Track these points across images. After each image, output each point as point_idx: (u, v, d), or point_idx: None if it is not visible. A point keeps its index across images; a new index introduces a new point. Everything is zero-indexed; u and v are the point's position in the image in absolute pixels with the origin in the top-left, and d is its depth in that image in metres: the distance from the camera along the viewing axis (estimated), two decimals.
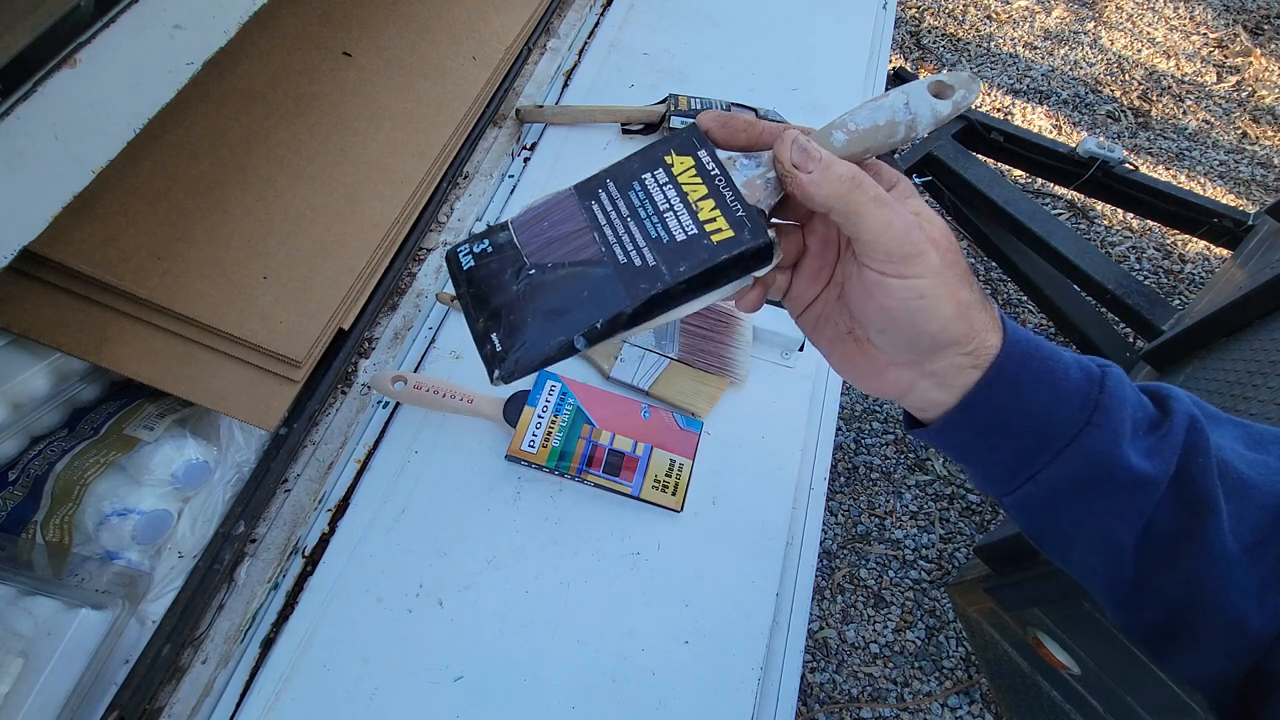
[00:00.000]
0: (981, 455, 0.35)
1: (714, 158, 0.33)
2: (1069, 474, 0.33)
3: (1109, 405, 0.32)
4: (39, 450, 0.60)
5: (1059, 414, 0.33)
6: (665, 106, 0.87)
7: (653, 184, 0.32)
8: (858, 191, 0.30)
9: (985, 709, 1.38)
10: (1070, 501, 0.34)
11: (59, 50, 0.41)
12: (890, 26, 1.11)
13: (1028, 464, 0.34)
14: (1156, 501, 0.32)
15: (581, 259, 0.31)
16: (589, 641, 0.58)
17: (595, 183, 0.33)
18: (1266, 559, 0.32)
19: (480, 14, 0.88)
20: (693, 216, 0.32)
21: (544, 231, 0.33)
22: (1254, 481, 0.33)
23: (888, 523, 1.58)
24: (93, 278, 0.57)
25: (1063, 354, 0.34)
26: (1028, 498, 0.35)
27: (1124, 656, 0.89)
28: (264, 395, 0.62)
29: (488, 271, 0.32)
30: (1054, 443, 0.33)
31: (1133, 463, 0.32)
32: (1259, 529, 0.32)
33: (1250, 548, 0.32)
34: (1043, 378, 0.33)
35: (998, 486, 0.36)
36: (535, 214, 0.33)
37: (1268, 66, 2.45)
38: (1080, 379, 0.33)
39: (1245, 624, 0.32)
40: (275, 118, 0.71)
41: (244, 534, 0.61)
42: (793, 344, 0.73)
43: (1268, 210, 1.41)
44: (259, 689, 0.55)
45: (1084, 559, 0.36)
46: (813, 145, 0.31)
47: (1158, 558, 0.33)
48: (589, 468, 0.62)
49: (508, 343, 0.31)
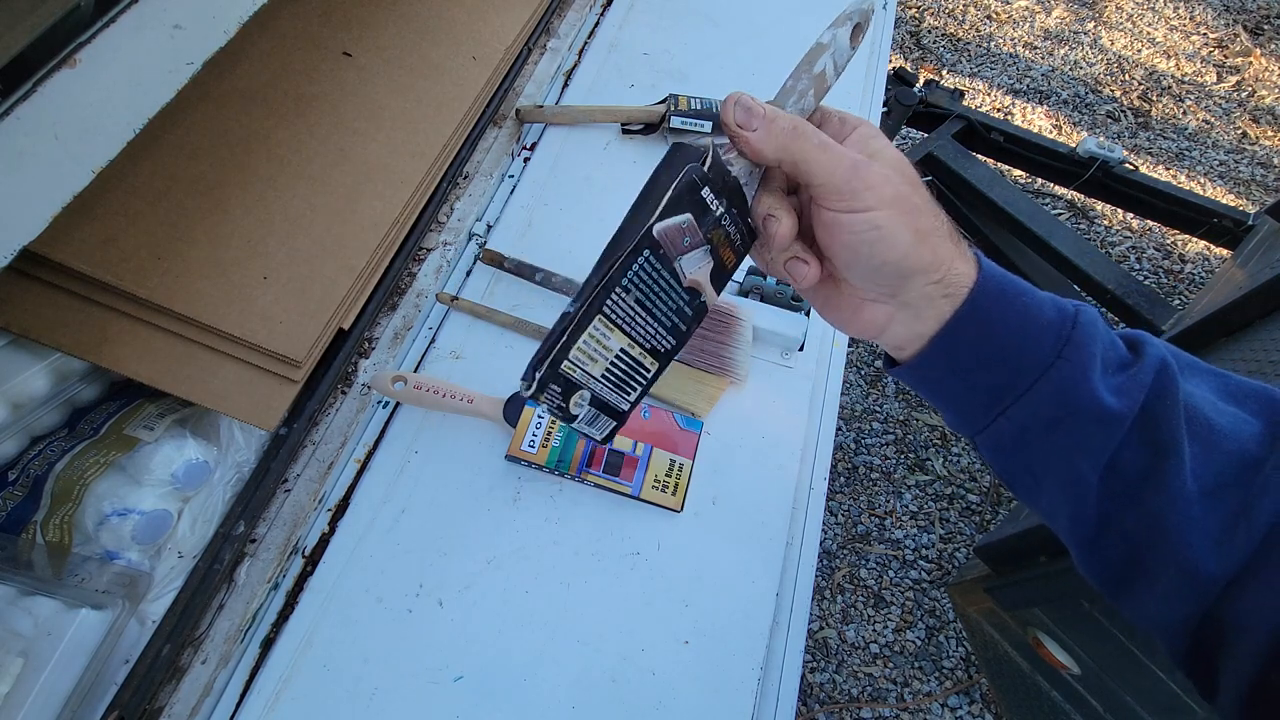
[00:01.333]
0: (955, 391, 0.36)
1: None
2: (1039, 409, 0.34)
3: (1080, 340, 0.33)
4: (39, 450, 0.60)
5: (1031, 348, 0.33)
6: (665, 106, 0.87)
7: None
8: (800, 140, 0.32)
9: (985, 709, 1.38)
10: (1039, 438, 0.34)
11: (59, 50, 0.42)
12: (890, 26, 1.11)
13: (999, 399, 0.34)
14: (1120, 439, 0.33)
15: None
16: (589, 641, 0.58)
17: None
18: (1226, 504, 0.32)
19: (480, 14, 0.88)
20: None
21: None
22: (1221, 428, 0.33)
23: (888, 523, 1.58)
24: (93, 278, 0.57)
25: (1037, 292, 0.35)
26: (999, 435, 0.35)
27: (1124, 656, 0.89)
28: (264, 395, 0.62)
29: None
30: (1025, 377, 0.33)
31: (1100, 397, 0.33)
32: (1220, 474, 0.32)
33: (1211, 491, 0.32)
34: (1016, 312, 0.34)
35: (971, 424, 0.37)
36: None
37: (1268, 66, 2.46)
38: (1053, 315, 0.34)
39: (1200, 566, 0.32)
40: (275, 118, 0.71)
41: (244, 534, 0.61)
42: (793, 344, 0.73)
43: (1268, 210, 1.42)
44: (259, 689, 0.55)
45: (1051, 499, 0.36)
46: (755, 102, 0.32)
47: (1120, 496, 0.34)
48: (589, 468, 0.62)
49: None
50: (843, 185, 0.32)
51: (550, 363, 0.33)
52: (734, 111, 0.32)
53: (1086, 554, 0.36)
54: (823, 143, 0.32)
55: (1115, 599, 0.37)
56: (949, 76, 2.40)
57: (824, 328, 0.78)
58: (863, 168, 0.32)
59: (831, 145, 0.32)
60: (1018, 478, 0.37)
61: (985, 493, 1.63)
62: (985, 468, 1.66)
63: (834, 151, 0.32)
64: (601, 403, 0.37)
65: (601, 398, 0.37)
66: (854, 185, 0.32)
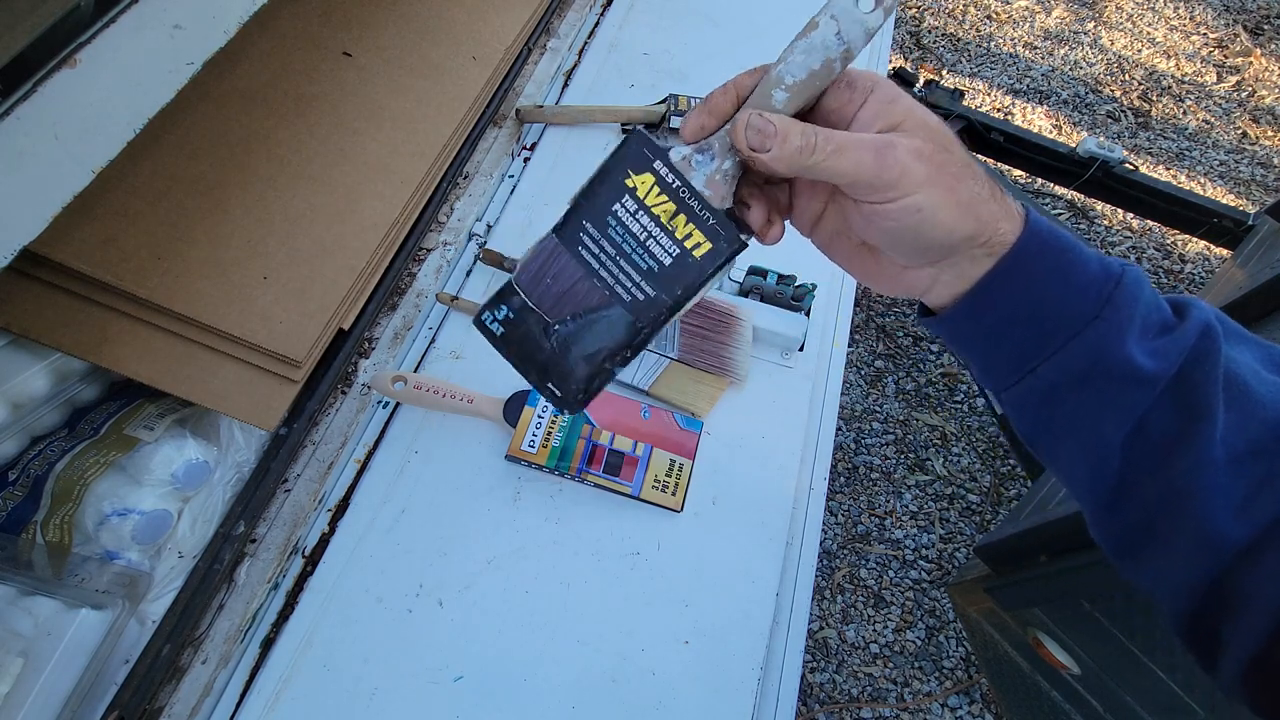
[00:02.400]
0: (987, 346, 0.35)
1: (670, 167, 0.33)
2: (1070, 367, 0.33)
3: (1121, 301, 0.32)
4: (39, 450, 0.60)
5: (1070, 306, 0.32)
6: (665, 106, 0.87)
7: (626, 215, 0.34)
8: (815, 155, 0.30)
9: (985, 709, 1.38)
10: (1066, 397, 0.33)
11: (59, 50, 0.41)
12: (890, 26, 1.11)
13: (1031, 355, 0.33)
14: (1151, 401, 0.32)
15: (593, 305, 0.35)
16: (589, 641, 0.58)
17: (574, 226, 0.35)
18: (1254, 472, 0.31)
19: (480, 14, 0.88)
20: (671, 238, 0.34)
21: (550, 289, 0.35)
22: (1261, 397, 0.32)
23: (888, 523, 1.58)
24: (93, 278, 0.57)
25: (1085, 249, 0.33)
26: (1026, 392, 0.34)
27: (1124, 656, 0.89)
28: (264, 395, 0.62)
29: (520, 335, 0.36)
30: (1060, 334, 0.32)
31: (1133, 358, 0.32)
32: (1254, 441, 0.31)
33: (1240, 458, 0.31)
34: (1059, 269, 0.32)
35: (998, 380, 0.36)
36: (534, 272, 0.35)
37: (1268, 66, 2.45)
38: (1098, 273, 0.32)
39: (1219, 533, 0.31)
40: (275, 118, 0.71)
41: (244, 534, 0.61)
42: (793, 344, 0.73)
43: (1268, 210, 1.42)
44: (259, 689, 0.55)
45: (1071, 459, 0.35)
46: (765, 121, 0.31)
47: (1144, 460, 0.33)
48: (589, 468, 0.62)
49: (564, 387, 0.36)
50: (873, 179, 0.30)
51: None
52: (746, 136, 0.31)
53: (1102, 516, 0.36)
54: (838, 146, 0.30)
55: (1123, 563, 0.36)
56: (949, 76, 2.40)
57: (824, 327, 0.78)
58: (888, 153, 0.30)
59: (848, 144, 0.30)
60: (1039, 436, 0.36)
61: (985, 493, 1.63)
62: (985, 467, 1.66)
63: (852, 150, 0.30)
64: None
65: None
66: (885, 176, 0.30)
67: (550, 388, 0.36)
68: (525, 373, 0.36)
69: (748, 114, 0.32)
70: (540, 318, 0.35)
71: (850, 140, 0.31)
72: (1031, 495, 1.11)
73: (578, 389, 0.36)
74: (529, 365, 0.36)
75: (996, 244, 0.32)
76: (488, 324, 0.36)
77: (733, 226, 0.33)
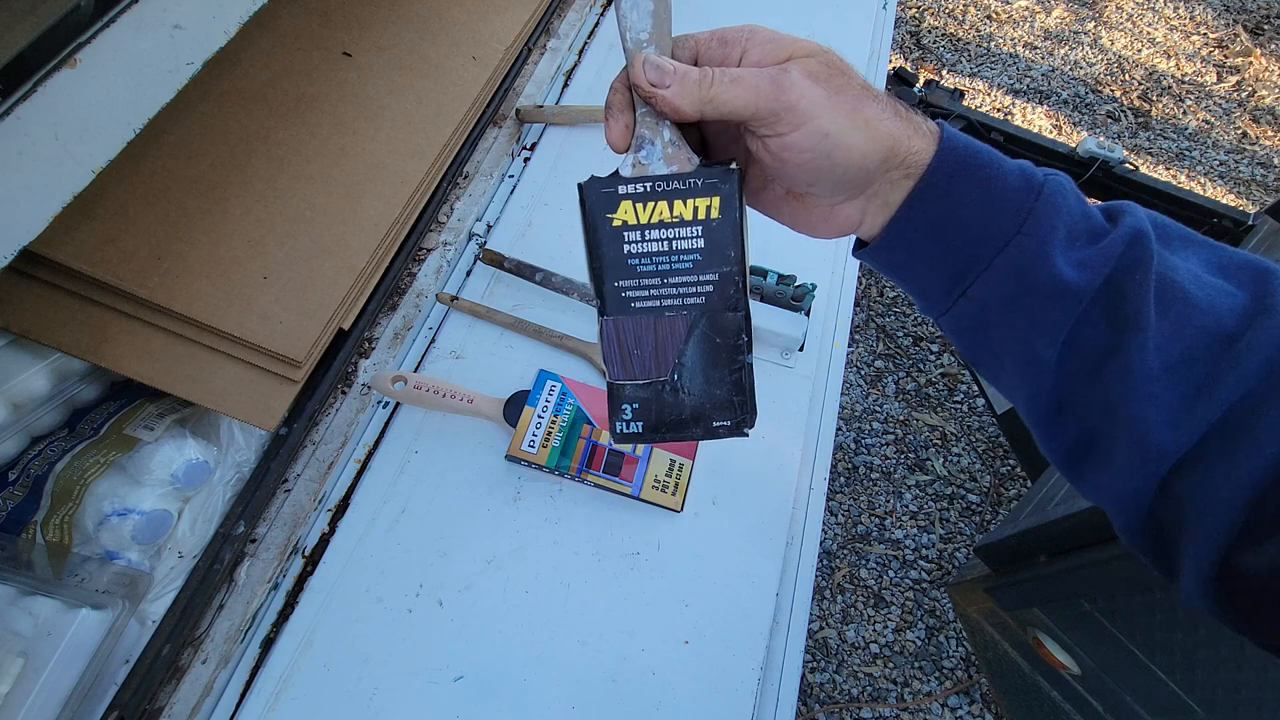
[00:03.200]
0: (918, 272, 0.35)
1: (630, 181, 0.34)
2: (998, 286, 0.32)
3: (1043, 212, 0.31)
4: (39, 450, 0.60)
5: (991, 223, 0.32)
6: None
7: (638, 245, 0.34)
8: (715, 86, 0.30)
9: (985, 709, 1.38)
10: (998, 317, 0.33)
11: (59, 50, 0.41)
12: (890, 26, 1.11)
13: (960, 279, 0.33)
14: (1079, 314, 0.32)
15: (685, 333, 0.35)
16: (589, 641, 0.58)
17: (611, 294, 0.35)
18: (1190, 379, 0.31)
19: (480, 14, 0.88)
20: (685, 225, 0.34)
21: (641, 356, 0.36)
22: (1197, 301, 0.31)
23: (888, 523, 1.58)
24: (93, 278, 0.57)
25: (1005, 162, 0.33)
26: (961, 316, 0.34)
27: (1124, 656, 0.89)
28: (264, 395, 0.62)
29: (656, 412, 0.36)
30: (984, 254, 0.32)
31: (1058, 271, 0.31)
32: (1189, 348, 0.31)
33: (1174, 366, 0.31)
34: (978, 186, 0.32)
35: (935, 306, 0.35)
36: (617, 357, 0.36)
37: (1268, 66, 2.46)
38: (1018, 186, 0.32)
39: (1156, 443, 0.31)
40: (275, 118, 0.71)
41: (244, 534, 0.61)
42: (793, 344, 0.73)
43: (1268, 210, 1.42)
44: (259, 689, 0.55)
45: (1010, 378, 0.35)
46: (662, 60, 0.31)
47: (1078, 373, 0.33)
48: (589, 468, 0.62)
49: (727, 414, 0.36)
50: (774, 106, 0.30)
51: None
52: (645, 71, 0.31)
53: (1045, 433, 0.35)
54: (734, 77, 0.30)
55: (1072, 477, 0.36)
56: (949, 76, 2.40)
57: (824, 327, 0.78)
58: (783, 78, 0.30)
59: (743, 75, 0.30)
60: (981, 359, 0.36)
61: (985, 493, 1.63)
62: (985, 467, 1.66)
63: (748, 80, 0.30)
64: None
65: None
66: (784, 101, 0.30)
67: (718, 426, 0.36)
68: (689, 435, 0.36)
69: (642, 55, 0.32)
70: (656, 385, 0.36)
71: (746, 71, 0.31)
72: (1031, 495, 1.11)
73: (738, 403, 0.36)
74: (686, 427, 0.36)
75: (913, 164, 0.32)
76: (626, 431, 0.36)
77: (716, 166, 0.33)
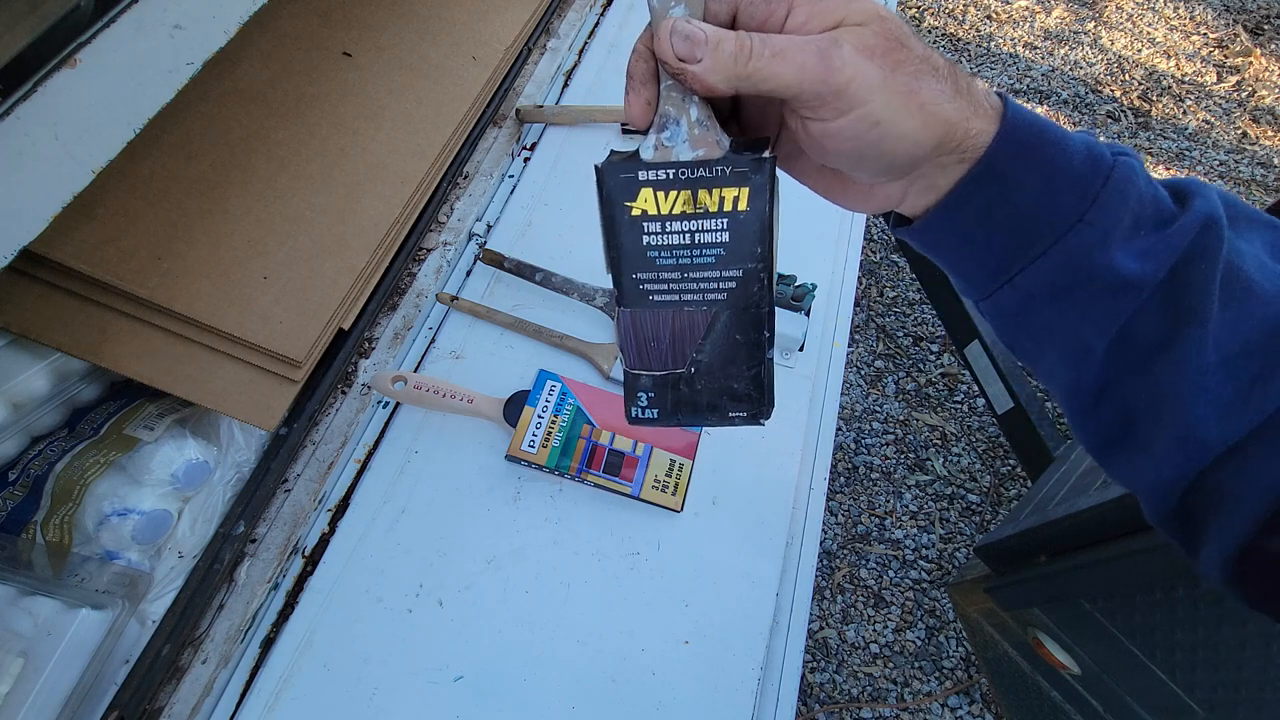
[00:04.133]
0: (963, 254, 0.33)
1: (652, 166, 0.30)
2: (1048, 277, 0.30)
3: (1108, 200, 0.29)
4: (39, 450, 0.60)
5: (1051, 208, 0.29)
6: None
7: (659, 237, 0.31)
8: (753, 60, 0.27)
9: (985, 709, 1.38)
10: (1045, 308, 0.31)
11: (59, 50, 0.41)
12: None
13: (1008, 265, 0.31)
14: (1137, 306, 0.30)
15: (704, 327, 0.33)
16: (589, 641, 0.58)
17: (628, 284, 0.33)
18: (1244, 373, 0.29)
19: (480, 14, 0.88)
20: (710, 217, 0.31)
21: (659, 348, 0.34)
22: (1261, 291, 0.29)
23: (888, 523, 1.58)
24: (93, 278, 0.57)
25: (1072, 141, 0.30)
26: (1002, 302, 0.32)
27: (1124, 656, 0.89)
28: (264, 395, 0.62)
29: (673, 401, 0.35)
30: (1040, 241, 0.30)
31: (1117, 264, 0.29)
32: (1248, 340, 0.29)
33: (1230, 360, 0.29)
34: (1039, 168, 0.29)
35: (976, 289, 0.33)
36: (635, 348, 0.34)
37: (1268, 66, 2.46)
38: (1084, 169, 0.29)
39: (1202, 435, 0.30)
40: (275, 118, 0.71)
41: (244, 534, 0.61)
42: (793, 344, 0.73)
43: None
44: (259, 689, 0.55)
45: (1050, 365, 0.34)
46: (692, 27, 0.27)
47: (1128, 364, 0.31)
48: (589, 468, 0.62)
49: (744, 406, 0.34)
50: (820, 89, 0.26)
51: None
52: (673, 42, 0.28)
53: (1083, 418, 0.34)
54: (777, 50, 0.26)
55: (1103, 460, 0.34)
56: None
57: (824, 327, 0.78)
58: (833, 52, 0.26)
59: (788, 47, 0.27)
60: (1020, 344, 0.34)
61: (985, 493, 1.63)
62: (985, 467, 1.66)
63: (794, 53, 0.26)
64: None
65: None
66: (832, 84, 0.26)
67: (734, 416, 0.35)
68: (704, 423, 0.35)
69: (669, 22, 0.28)
70: (673, 376, 0.34)
71: (790, 42, 0.27)
72: (1031, 495, 1.11)
73: (755, 397, 0.34)
74: (701, 415, 0.35)
75: (969, 148, 0.29)
76: (640, 417, 0.35)
77: (746, 154, 0.30)
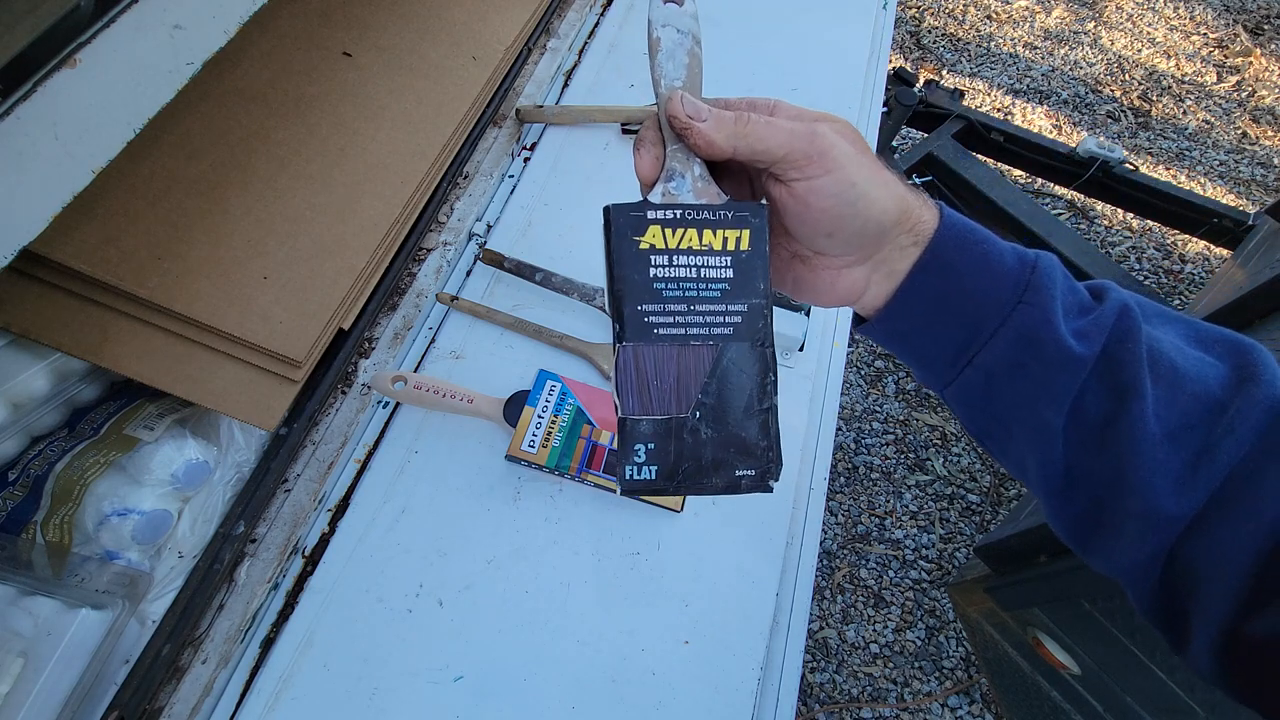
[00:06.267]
0: (923, 342, 0.36)
1: (660, 207, 0.33)
2: (1004, 353, 0.34)
3: (1040, 284, 0.33)
4: (39, 450, 0.60)
5: (993, 293, 0.34)
6: None
7: (666, 269, 0.32)
8: (750, 124, 0.32)
9: (985, 709, 1.38)
10: (1005, 385, 0.34)
11: (59, 50, 0.41)
12: (890, 26, 1.11)
13: (965, 348, 0.35)
14: (1082, 382, 0.33)
15: (711, 363, 0.32)
16: (589, 641, 0.58)
17: (633, 319, 0.32)
18: (1190, 445, 0.32)
19: (480, 14, 0.88)
20: (714, 253, 0.33)
21: (662, 388, 0.32)
22: (1186, 371, 0.33)
23: (888, 523, 1.58)
24: (93, 278, 0.57)
25: (997, 240, 0.35)
26: (967, 386, 0.36)
27: (1124, 656, 0.89)
28: (264, 395, 0.62)
29: (674, 454, 0.32)
30: (989, 322, 0.34)
31: (1061, 337, 0.33)
32: (1185, 415, 0.32)
33: (1174, 433, 0.32)
34: (978, 258, 0.34)
35: (940, 377, 0.37)
36: (634, 389, 0.32)
37: (1268, 66, 2.46)
38: (1014, 261, 0.34)
39: (1162, 509, 0.32)
40: (275, 118, 0.71)
41: (244, 534, 0.61)
42: (793, 344, 0.73)
43: (1268, 210, 1.42)
44: (259, 689, 0.55)
45: (1019, 449, 0.36)
46: (698, 99, 0.33)
47: (1084, 442, 0.34)
48: (589, 468, 0.62)
49: (752, 461, 0.33)
50: (808, 150, 0.31)
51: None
52: (684, 105, 0.32)
53: (1057, 505, 0.36)
54: (768, 120, 0.32)
55: (1083, 550, 0.37)
56: (949, 76, 2.40)
57: (824, 327, 0.78)
58: (815, 128, 0.32)
59: (776, 120, 0.32)
60: (989, 431, 0.37)
61: (985, 493, 1.63)
62: (985, 467, 1.66)
63: (782, 123, 0.32)
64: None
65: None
66: (818, 147, 0.31)
67: (741, 476, 0.32)
68: (707, 487, 0.32)
69: (680, 92, 0.33)
70: (675, 421, 0.32)
71: (779, 119, 0.32)
72: (1031, 495, 1.11)
73: (763, 449, 0.32)
74: (705, 475, 0.32)
75: (920, 232, 0.34)
76: (638, 477, 0.31)
77: (745, 202, 0.34)
